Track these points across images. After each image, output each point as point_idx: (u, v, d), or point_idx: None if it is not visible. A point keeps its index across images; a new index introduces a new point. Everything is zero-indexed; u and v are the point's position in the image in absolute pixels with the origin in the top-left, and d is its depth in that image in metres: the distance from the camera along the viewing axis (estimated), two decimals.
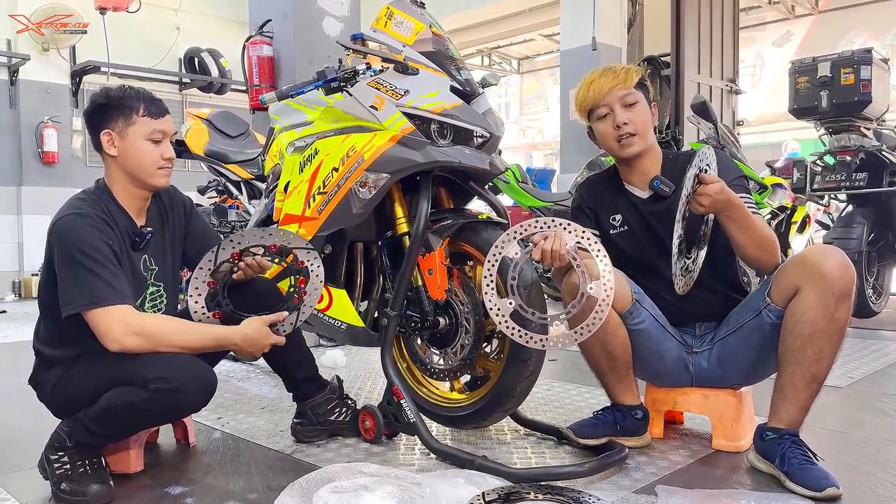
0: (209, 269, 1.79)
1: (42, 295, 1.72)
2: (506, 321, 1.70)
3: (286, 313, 1.75)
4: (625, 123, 1.86)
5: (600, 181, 2.05)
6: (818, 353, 1.62)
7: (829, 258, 1.62)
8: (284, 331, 1.76)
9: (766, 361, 1.78)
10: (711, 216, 1.78)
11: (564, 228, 1.70)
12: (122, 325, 1.57)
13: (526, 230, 1.73)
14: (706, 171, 1.71)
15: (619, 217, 1.95)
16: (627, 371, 1.90)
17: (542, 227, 1.72)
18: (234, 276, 1.80)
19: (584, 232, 1.71)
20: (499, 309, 1.71)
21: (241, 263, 1.78)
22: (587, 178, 2.11)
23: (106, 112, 1.72)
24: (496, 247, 1.74)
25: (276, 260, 1.82)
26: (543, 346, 1.71)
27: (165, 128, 1.75)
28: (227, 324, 1.74)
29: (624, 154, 1.90)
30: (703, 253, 1.83)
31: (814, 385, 1.65)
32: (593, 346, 1.86)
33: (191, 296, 1.78)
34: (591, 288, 1.67)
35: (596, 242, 1.71)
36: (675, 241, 1.69)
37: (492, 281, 1.73)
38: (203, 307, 1.77)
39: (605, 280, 1.68)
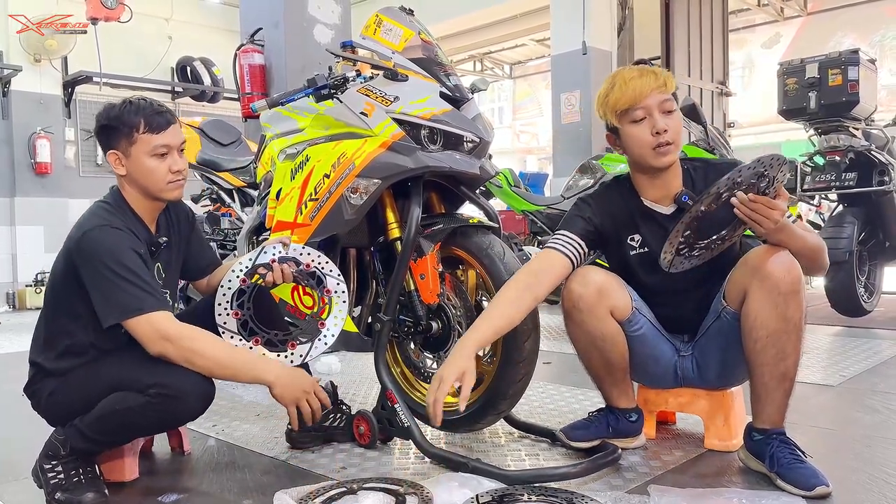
0: (246, 267, 1.83)
1: (50, 302, 1.71)
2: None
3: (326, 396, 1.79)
4: (665, 131, 1.70)
5: (613, 195, 1.86)
6: (780, 352, 1.61)
7: (773, 258, 1.58)
8: (292, 362, 1.81)
9: (737, 361, 1.74)
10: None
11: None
12: (156, 332, 1.59)
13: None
14: (773, 179, 1.52)
15: (637, 237, 1.82)
16: (624, 376, 1.90)
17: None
18: (262, 281, 1.83)
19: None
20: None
21: (273, 268, 1.81)
22: (598, 192, 1.91)
23: (108, 133, 1.71)
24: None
25: (305, 282, 1.86)
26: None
27: (169, 141, 1.71)
28: (242, 327, 1.80)
29: (657, 164, 1.74)
30: (708, 254, 1.70)
31: (785, 383, 1.64)
32: (592, 354, 1.86)
33: (222, 286, 1.82)
34: None
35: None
36: (691, 215, 1.57)
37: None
38: (229, 302, 1.81)
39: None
